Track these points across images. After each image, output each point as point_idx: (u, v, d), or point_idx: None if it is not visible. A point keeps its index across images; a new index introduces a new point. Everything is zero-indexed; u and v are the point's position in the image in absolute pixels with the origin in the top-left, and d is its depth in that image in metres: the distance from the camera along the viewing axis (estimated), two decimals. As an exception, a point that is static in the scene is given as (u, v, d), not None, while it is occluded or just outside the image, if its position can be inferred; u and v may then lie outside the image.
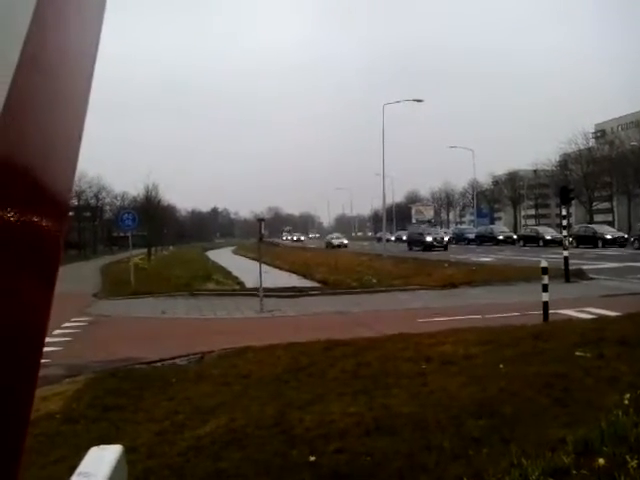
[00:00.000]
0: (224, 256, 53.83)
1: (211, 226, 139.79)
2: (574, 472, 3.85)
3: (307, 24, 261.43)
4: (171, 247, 72.14)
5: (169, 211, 75.69)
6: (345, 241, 63.99)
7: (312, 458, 4.54)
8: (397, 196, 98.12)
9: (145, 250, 43.91)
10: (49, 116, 0.61)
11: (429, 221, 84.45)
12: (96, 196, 63.27)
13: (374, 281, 20.68)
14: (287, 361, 8.14)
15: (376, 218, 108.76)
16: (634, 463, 3.81)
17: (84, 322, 13.79)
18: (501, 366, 7.01)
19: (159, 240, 59.47)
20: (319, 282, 22.39)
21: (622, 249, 35.22)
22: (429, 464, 4.32)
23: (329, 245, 60.51)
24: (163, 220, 63.19)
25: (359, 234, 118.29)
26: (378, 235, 69.42)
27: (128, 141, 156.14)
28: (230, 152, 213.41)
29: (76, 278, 24.30)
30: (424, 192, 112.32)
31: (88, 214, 61.04)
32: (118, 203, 68.10)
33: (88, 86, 0.71)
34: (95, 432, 5.53)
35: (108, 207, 69.09)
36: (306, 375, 7.37)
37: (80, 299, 17.30)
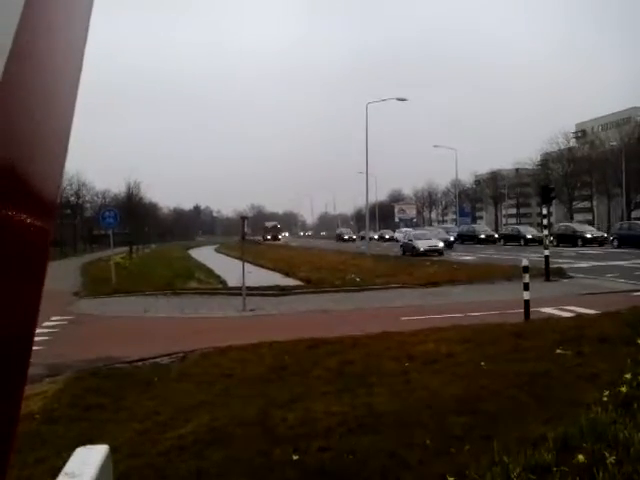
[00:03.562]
0: (206, 255, 53.54)
1: (193, 224, 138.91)
2: (554, 469, 3.89)
3: (292, 23, 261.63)
4: (153, 245, 71.58)
5: (151, 209, 75.15)
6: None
7: (295, 457, 4.54)
8: (380, 195, 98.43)
9: (126, 248, 43.54)
10: (38, 112, 0.60)
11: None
12: (76, 193, 62.47)
13: (357, 279, 20.72)
14: (270, 360, 8.13)
15: (359, 216, 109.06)
16: (612, 459, 3.87)
17: (65, 321, 13.64)
18: (483, 364, 7.07)
19: (141, 238, 58.98)
20: (302, 281, 22.37)
21: (601, 248, 35.65)
22: (412, 461, 4.34)
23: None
24: (145, 218, 62.74)
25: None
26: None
27: (110, 138, 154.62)
28: (213, 149, 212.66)
29: (56, 276, 23.97)
30: (407, 191, 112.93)
31: (68, 212, 60.26)
32: (99, 201, 67.40)
33: (76, 82, 0.70)
34: (75, 432, 5.47)
35: (89, 205, 68.28)
36: (289, 374, 7.37)
37: (60, 298, 17.08)
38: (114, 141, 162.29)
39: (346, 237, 71.73)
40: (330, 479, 4.22)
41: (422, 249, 33.05)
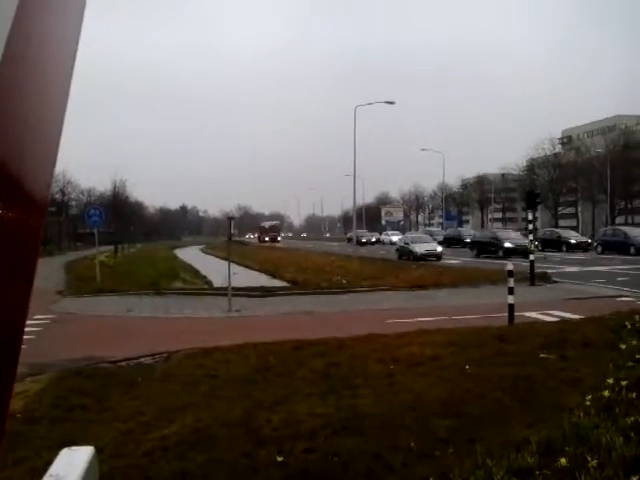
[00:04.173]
0: (192, 255, 53.32)
1: (179, 224, 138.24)
2: (537, 472, 3.91)
3: (281, 28, 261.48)
4: (138, 245, 71.12)
5: (137, 208, 74.76)
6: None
7: (280, 458, 4.53)
8: (367, 197, 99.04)
9: (111, 247, 43.23)
10: (31, 116, 0.60)
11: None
12: (62, 191, 61.91)
13: (344, 282, 20.72)
14: (255, 361, 8.11)
15: (346, 218, 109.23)
16: (594, 463, 3.90)
17: (48, 320, 13.47)
18: (467, 367, 7.10)
19: (126, 237, 58.64)
20: (289, 282, 22.33)
21: (586, 253, 35.97)
22: (396, 464, 4.35)
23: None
24: (130, 217, 62.41)
25: (327, 235, 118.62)
26: (348, 235, 71.33)
27: (95, 136, 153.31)
28: (201, 150, 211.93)
29: (40, 275, 23.48)
30: (394, 194, 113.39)
31: (53, 209, 59.73)
32: (84, 199, 66.87)
33: (68, 82, 0.70)
34: (58, 432, 5.42)
35: (74, 203, 67.69)
36: (274, 375, 7.36)
37: (44, 296, 16.88)
38: (99, 139, 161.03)
39: (364, 240, 57.14)
40: (314, 481, 4.22)
41: (420, 253, 31.79)
